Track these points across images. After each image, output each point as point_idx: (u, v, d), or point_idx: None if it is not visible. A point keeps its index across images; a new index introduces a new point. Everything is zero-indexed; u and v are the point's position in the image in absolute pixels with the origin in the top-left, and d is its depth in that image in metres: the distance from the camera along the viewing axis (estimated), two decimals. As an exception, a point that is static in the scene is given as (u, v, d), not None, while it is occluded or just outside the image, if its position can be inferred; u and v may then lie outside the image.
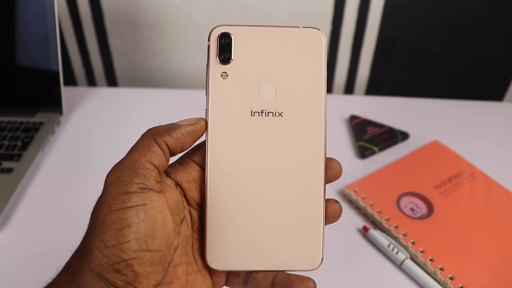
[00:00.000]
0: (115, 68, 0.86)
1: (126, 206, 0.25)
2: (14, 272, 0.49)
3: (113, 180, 0.26)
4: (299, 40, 0.29)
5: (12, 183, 0.57)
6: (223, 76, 0.28)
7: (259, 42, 0.29)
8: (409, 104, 0.77)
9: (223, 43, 0.28)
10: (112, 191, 0.25)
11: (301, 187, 0.29)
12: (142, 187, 0.25)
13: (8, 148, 0.62)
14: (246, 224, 0.29)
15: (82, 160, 0.64)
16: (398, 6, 0.77)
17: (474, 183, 0.59)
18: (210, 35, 0.29)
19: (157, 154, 0.27)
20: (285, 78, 0.29)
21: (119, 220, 0.24)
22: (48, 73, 0.68)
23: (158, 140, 0.27)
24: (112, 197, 0.25)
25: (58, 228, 0.54)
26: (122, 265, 0.24)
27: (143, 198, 0.25)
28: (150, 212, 0.25)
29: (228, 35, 0.28)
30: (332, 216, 0.30)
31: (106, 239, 0.24)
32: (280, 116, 0.29)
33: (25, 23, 0.66)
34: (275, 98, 0.29)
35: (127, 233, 0.24)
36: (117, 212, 0.25)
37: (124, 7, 0.78)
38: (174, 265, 0.27)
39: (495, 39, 0.80)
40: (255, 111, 0.29)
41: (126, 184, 0.25)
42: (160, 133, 0.27)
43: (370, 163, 0.64)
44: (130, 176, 0.26)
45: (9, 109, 0.69)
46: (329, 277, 0.49)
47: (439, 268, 0.48)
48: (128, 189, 0.25)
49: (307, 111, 0.29)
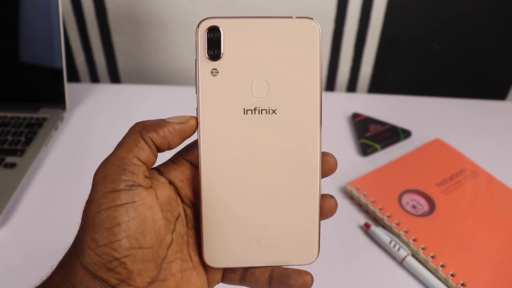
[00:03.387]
0: (118, 65, 0.86)
1: (115, 205, 0.25)
2: (16, 267, 0.49)
3: (101, 178, 0.26)
4: (292, 32, 0.27)
5: (15, 178, 0.57)
6: (213, 73, 0.27)
7: (250, 35, 0.27)
8: (412, 102, 0.77)
9: (211, 38, 0.27)
10: (100, 190, 0.25)
11: (296, 183, 0.28)
12: (131, 184, 0.25)
13: (12, 143, 0.62)
14: (242, 221, 0.28)
15: (85, 156, 0.64)
16: (401, 5, 0.77)
17: (476, 181, 0.59)
18: (197, 29, 0.27)
19: (144, 150, 0.26)
20: (279, 73, 0.27)
21: (109, 219, 0.24)
22: (51, 69, 0.68)
23: (144, 136, 0.27)
24: (100, 196, 0.25)
25: (61, 223, 0.54)
26: (115, 263, 0.24)
27: (132, 195, 0.25)
28: (139, 210, 0.25)
29: (217, 28, 0.26)
30: (328, 211, 0.29)
31: (97, 238, 0.24)
32: (274, 113, 0.28)
33: (29, 20, 0.66)
34: (268, 95, 0.27)
35: (118, 231, 0.24)
36: (106, 211, 0.24)
37: (127, 4, 0.78)
38: (168, 262, 0.27)
39: (498, 38, 0.80)
40: (248, 109, 0.27)
41: (114, 182, 0.25)
42: (147, 129, 0.27)
43: (372, 161, 0.64)
44: (117, 174, 0.25)
45: (13, 105, 0.69)
46: (330, 273, 0.49)
47: (440, 265, 0.48)
48: (116, 187, 0.25)
49: (302, 107, 0.28)
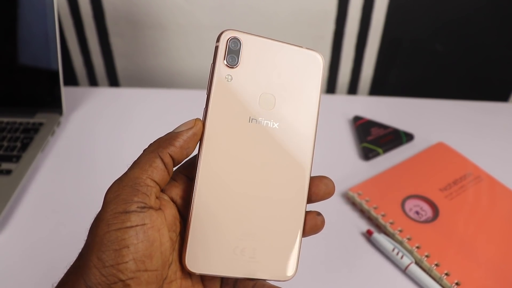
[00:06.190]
0: (117, 68, 0.85)
1: (125, 226, 0.25)
2: (12, 274, 0.48)
3: (113, 198, 0.25)
4: (300, 59, 0.30)
5: (11, 185, 0.56)
6: (227, 78, 0.29)
7: (265, 53, 0.29)
8: (414, 105, 0.76)
9: (231, 47, 0.29)
10: (111, 210, 0.25)
11: (284, 198, 0.30)
12: (142, 206, 0.25)
13: (7, 149, 0.61)
14: (230, 228, 0.29)
15: (82, 162, 0.63)
16: (402, 6, 0.76)
17: (480, 186, 0.58)
18: (220, 36, 0.29)
19: (158, 170, 0.27)
20: (285, 92, 0.30)
21: (118, 240, 0.24)
22: (48, 73, 0.67)
23: (161, 153, 0.27)
24: (111, 216, 0.25)
25: (57, 230, 0.53)
26: (119, 285, 0.24)
27: (143, 217, 0.25)
28: (149, 232, 0.25)
29: (238, 40, 0.29)
30: (314, 228, 0.30)
31: (104, 258, 0.24)
32: (275, 127, 0.29)
33: (25, 22, 0.66)
34: (273, 109, 0.29)
35: (126, 253, 0.24)
36: (115, 232, 0.24)
37: (125, 6, 0.77)
38: (168, 282, 0.27)
39: (500, 39, 0.79)
40: (253, 118, 0.29)
41: (126, 203, 0.25)
42: (163, 146, 0.27)
43: (374, 165, 0.63)
44: (130, 195, 0.25)
45: (9, 110, 0.68)
46: (332, 281, 0.48)
47: (445, 273, 0.47)
48: (128, 208, 0.25)
49: (300, 128, 0.30)
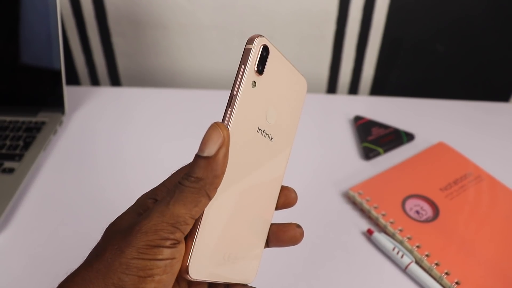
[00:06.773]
0: (118, 67, 0.86)
1: (156, 259, 0.25)
2: (14, 273, 0.48)
3: (151, 231, 0.25)
4: (295, 81, 0.32)
5: (13, 183, 0.56)
6: (253, 84, 0.28)
7: (279, 68, 0.30)
8: (415, 105, 0.76)
9: (263, 55, 0.29)
10: (145, 241, 0.25)
11: (261, 208, 0.31)
12: (175, 243, 0.26)
13: (10, 148, 0.62)
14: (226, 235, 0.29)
15: (84, 161, 0.63)
16: (403, 6, 0.76)
17: (480, 186, 0.59)
18: (253, 40, 0.28)
19: (201, 208, 0.26)
20: (283, 109, 0.31)
21: (146, 269, 0.25)
22: (50, 72, 0.67)
23: (210, 191, 0.26)
24: (144, 247, 0.25)
25: (60, 228, 0.53)
26: None
27: (173, 252, 0.26)
28: (175, 266, 0.26)
29: (268, 49, 0.29)
30: (292, 239, 0.31)
31: (125, 280, 0.24)
32: (270, 142, 0.31)
33: (27, 22, 0.66)
34: (274, 124, 0.31)
35: (149, 282, 0.25)
36: (145, 261, 0.25)
37: (127, 6, 0.78)
38: None
39: (501, 39, 0.79)
40: (260, 129, 0.30)
41: (162, 239, 0.25)
42: (209, 182, 0.26)
43: (375, 165, 0.63)
44: (168, 232, 0.25)
45: (11, 109, 0.68)
46: (332, 280, 0.48)
47: (445, 272, 0.47)
48: (163, 244, 0.25)
49: (282, 143, 0.32)
